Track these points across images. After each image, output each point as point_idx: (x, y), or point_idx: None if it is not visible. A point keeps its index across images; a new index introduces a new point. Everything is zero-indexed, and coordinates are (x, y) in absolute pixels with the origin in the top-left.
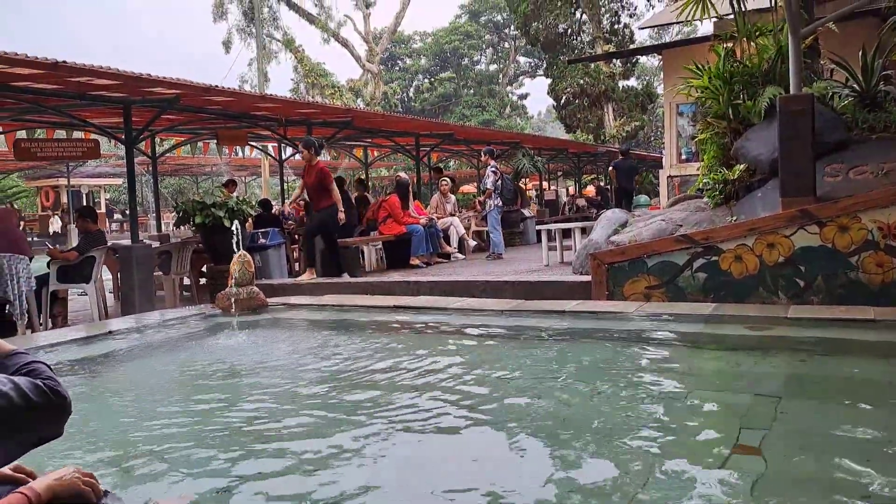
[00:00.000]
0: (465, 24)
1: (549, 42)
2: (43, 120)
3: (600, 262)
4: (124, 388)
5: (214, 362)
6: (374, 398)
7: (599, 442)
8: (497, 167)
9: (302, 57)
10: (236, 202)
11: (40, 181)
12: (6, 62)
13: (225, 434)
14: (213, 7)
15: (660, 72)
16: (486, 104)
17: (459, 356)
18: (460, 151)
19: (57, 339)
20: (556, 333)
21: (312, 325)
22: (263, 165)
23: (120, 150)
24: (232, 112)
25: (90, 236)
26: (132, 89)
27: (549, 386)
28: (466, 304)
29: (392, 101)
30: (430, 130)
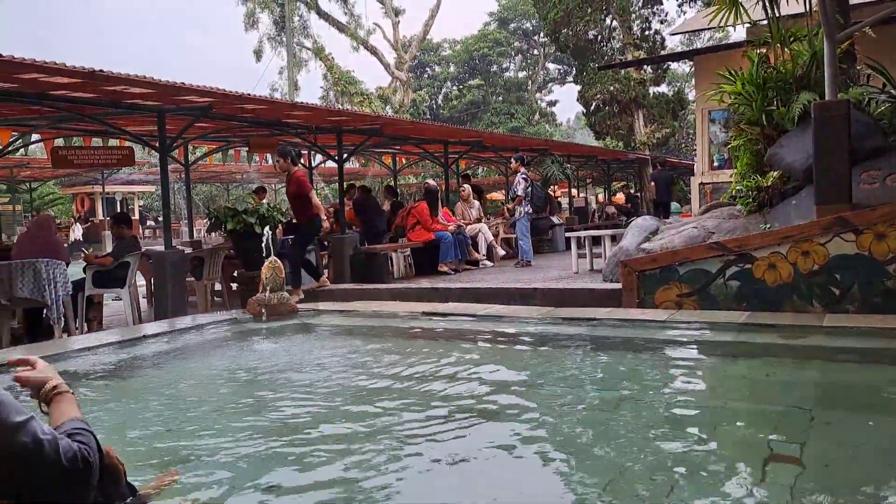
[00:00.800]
0: (494, 31)
1: (578, 48)
2: (79, 128)
3: (631, 269)
4: (157, 391)
5: (245, 367)
6: (402, 403)
7: (629, 451)
8: (527, 174)
9: (331, 65)
10: (267, 209)
11: (76, 188)
12: (45, 71)
13: (255, 437)
14: (244, 17)
15: (691, 78)
16: (514, 111)
17: (489, 363)
18: (489, 158)
19: (92, 343)
20: (587, 341)
21: (342, 331)
22: None
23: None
24: (263, 120)
25: (125, 242)
26: (166, 98)
27: (578, 394)
28: (495, 310)
29: (420, 109)
30: (458, 137)
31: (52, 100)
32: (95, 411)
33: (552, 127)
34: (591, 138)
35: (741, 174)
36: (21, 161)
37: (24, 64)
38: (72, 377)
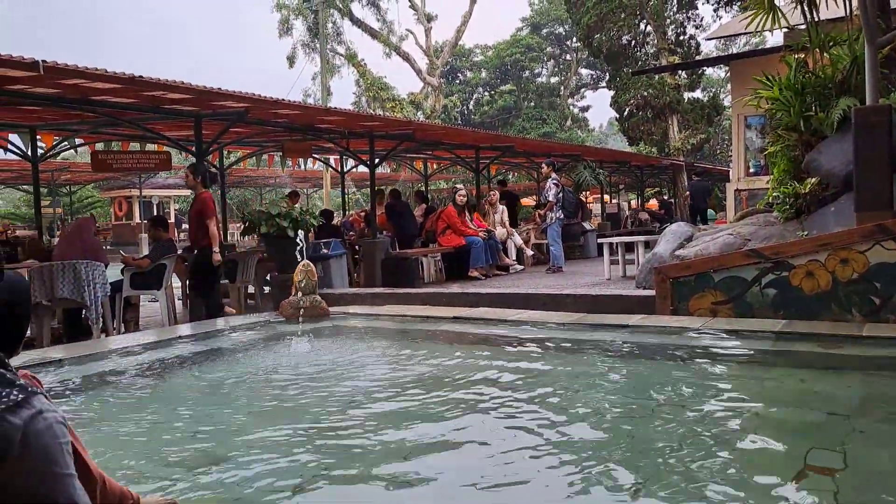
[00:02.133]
0: (527, 36)
1: (612, 54)
2: (119, 133)
3: (665, 276)
4: (191, 391)
5: (279, 368)
6: (433, 407)
7: (661, 459)
8: (559, 179)
9: (364, 71)
10: (300, 213)
11: (114, 192)
12: (87, 77)
13: (287, 438)
14: (278, 23)
15: (727, 83)
16: (546, 116)
17: (519, 368)
18: (520, 164)
19: (129, 343)
20: (619, 348)
21: (373, 334)
22: (325, 177)
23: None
24: (297, 125)
25: (161, 245)
26: (203, 103)
27: (611, 401)
28: (526, 316)
29: (452, 114)
30: (490, 143)
31: (93, 105)
32: (131, 410)
33: (584, 132)
34: (623, 144)
35: (778, 180)
36: (62, 165)
37: (67, 70)
38: (109, 376)
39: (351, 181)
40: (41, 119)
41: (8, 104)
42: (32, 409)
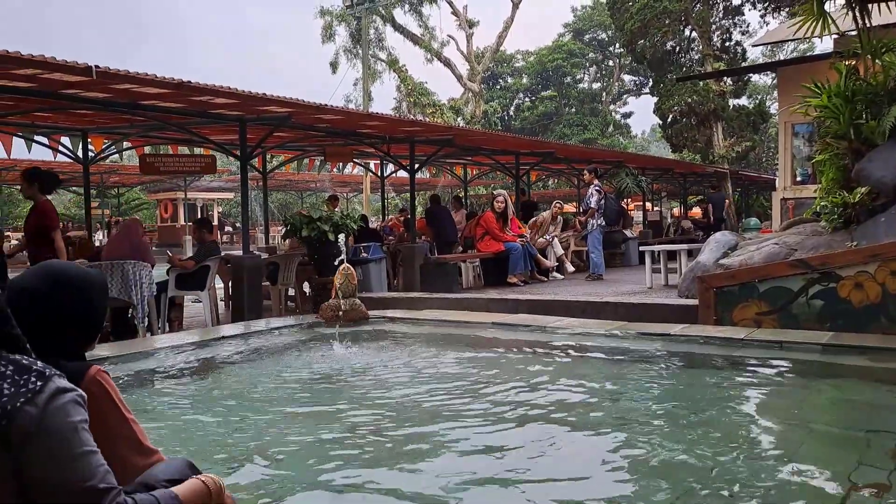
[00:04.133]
0: (569, 42)
1: (655, 60)
2: (166, 136)
3: (708, 285)
4: (233, 391)
5: (318, 370)
6: (472, 411)
7: (701, 470)
8: (600, 186)
9: (405, 76)
10: (340, 217)
11: (160, 194)
12: (137, 82)
13: (326, 438)
14: (321, 30)
15: (773, 90)
16: (587, 123)
17: (558, 376)
18: (560, 170)
19: (174, 343)
20: (661, 357)
21: (412, 339)
22: (365, 182)
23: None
24: (339, 130)
25: (206, 246)
26: (248, 108)
27: (652, 410)
28: (566, 323)
29: (492, 120)
30: (530, 149)
31: (142, 109)
32: (174, 408)
33: (626, 139)
34: (666, 151)
35: (826, 189)
36: (111, 168)
37: (118, 75)
38: (154, 374)
39: (390, 186)
40: (92, 123)
41: (62, 108)
42: (48, 392)
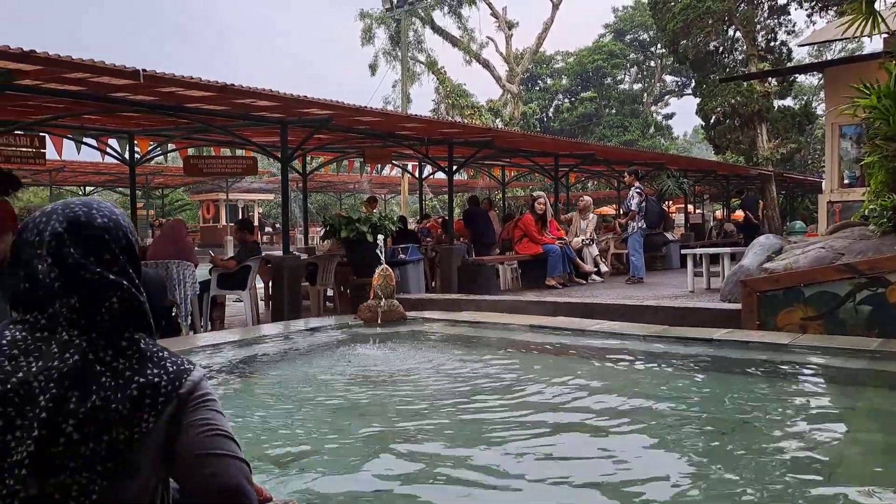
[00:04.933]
0: (610, 43)
1: (698, 60)
2: (209, 138)
3: (752, 289)
4: (273, 389)
5: (357, 370)
6: (509, 414)
7: (743, 479)
8: (642, 188)
9: (443, 78)
10: (379, 218)
11: (202, 195)
12: (182, 85)
13: (366, 438)
14: (361, 32)
15: (820, 91)
16: (628, 124)
17: (597, 379)
18: (600, 172)
19: (216, 341)
20: (703, 362)
21: (450, 340)
22: (403, 183)
23: (272, 168)
24: (378, 132)
25: (247, 247)
26: (289, 110)
27: (693, 417)
28: (606, 326)
29: (531, 122)
30: (570, 150)
31: (187, 112)
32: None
33: (667, 140)
34: (709, 152)
35: (875, 192)
36: (155, 169)
37: (164, 78)
38: None
39: (428, 187)
40: (139, 125)
41: (110, 111)
42: (199, 370)
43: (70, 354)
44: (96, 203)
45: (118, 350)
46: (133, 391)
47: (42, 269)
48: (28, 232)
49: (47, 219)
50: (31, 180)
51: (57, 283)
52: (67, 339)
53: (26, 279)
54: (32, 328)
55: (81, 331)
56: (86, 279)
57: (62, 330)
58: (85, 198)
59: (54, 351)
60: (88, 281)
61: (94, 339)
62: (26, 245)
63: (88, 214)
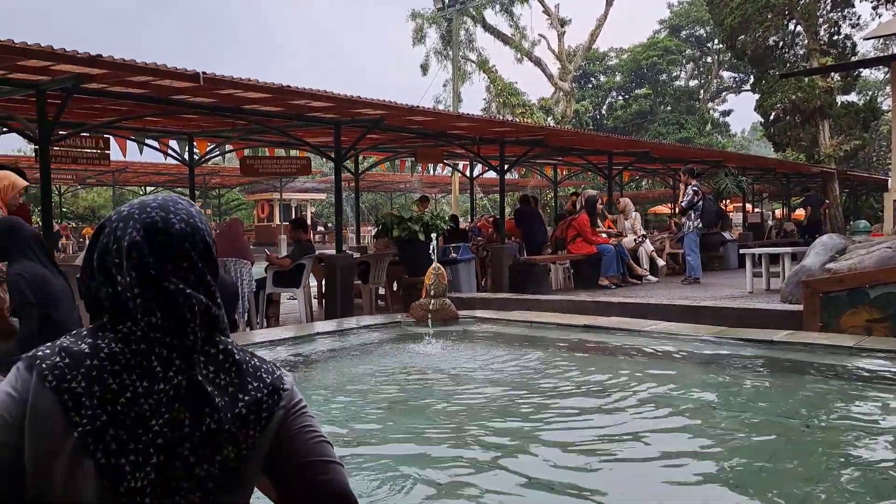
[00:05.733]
0: (665, 38)
1: (757, 56)
2: (265, 139)
3: (814, 290)
4: (327, 385)
5: (409, 367)
6: (566, 416)
7: (803, 484)
8: (698, 186)
9: (494, 77)
10: (430, 217)
11: (257, 195)
12: (240, 87)
13: (419, 435)
14: (412, 32)
15: (886, 85)
16: (684, 121)
17: (653, 381)
18: (655, 170)
19: (272, 337)
20: (763, 364)
21: (502, 339)
22: (453, 182)
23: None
24: (430, 131)
25: (301, 245)
26: (342, 111)
27: (753, 420)
28: (661, 327)
29: (583, 119)
30: (624, 148)
31: (244, 113)
32: None
33: (725, 138)
34: (768, 150)
35: None
36: (212, 169)
37: (223, 80)
38: None
39: (479, 186)
40: (198, 127)
41: (171, 113)
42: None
43: (174, 374)
44: (172, 204)
45: (217, 364)
46: (241, 409)
47: (122, 282)
48: (105, 236)
49: (124, 224)
50: (95, 180)
51: (139, 299)
52: (167, 356)
53: (108, 286)
54: (127, 341)
55: (176, 347)
56: (168, 291)
57: (157, 345)
58: (161, 197)
59: (157, 369)
60: (170, 293)
61: (190, 354)
62: (104, 251)
63: (166, 220)
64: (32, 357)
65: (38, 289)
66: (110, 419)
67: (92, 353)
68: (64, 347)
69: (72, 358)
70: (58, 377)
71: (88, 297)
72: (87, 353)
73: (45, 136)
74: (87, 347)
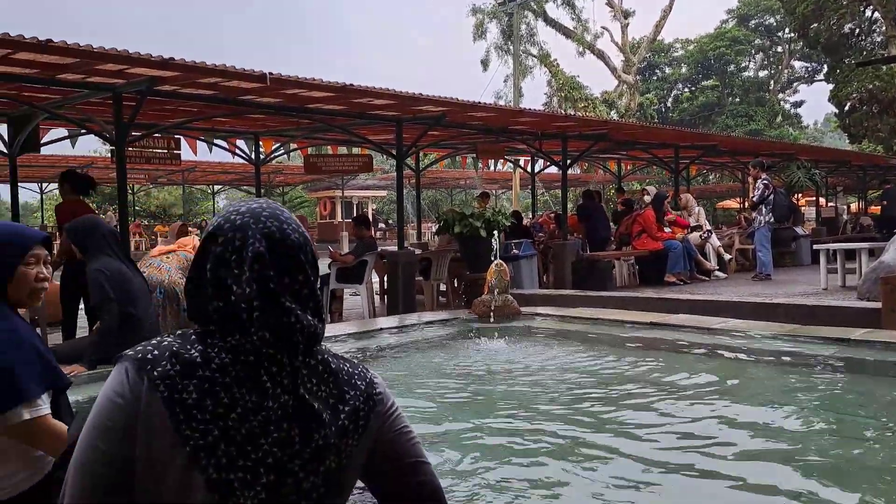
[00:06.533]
0: (733, 28)
1: (831, 44)
2: (328, 138)
3: (893, 287)
4: (391, 380)
5: (473, 363)
6: (631, 416)
7: (881, 488)
8: (769, 180)
9: (556, 71)
10: (492, 213)
11: (319, 192)
12: (305, 86)
13: (483, 431)
14: (473, 27)
15: None
16: (753, 113)
17: (725, 379)
18: (723, 164)
19: (336, 333)
20: (840, 363)
21: (566, 336)
22: (514, 178)
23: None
24: (491, 127)
25: (364, 242)
26: (404, 108)
27: (829, 420)
28: (732, 325)
29: (648, 112)
30: (691, 141)
31: (308, 112)
32: None
33: (796, 130)
34: (843, 142)
35: None
36: (276, 168)
37: (289, 80)
38: None
39: (540, 182)
40: (264, 126)
41: (238, 113)
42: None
43: (282, 391)
44: (280, 212)
45: (318, 376)
46: (343, 422)
47: (238, 293)
48: (220, 246)
49: (242, 234)
50: (166, 180)
51: (256, 312)
52: (276, 370)
53: (220, 297)
54: (236, 352)
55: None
56: (285, 309)
57: (266, 360)
58: (263, 203)
59: (266, 385)
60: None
61: (298, 369)
62: (220, 261)
63: (282, 230)
64: (142, 360)
65: (118, 285)
66: (222, 434)
67: (203, 363)
68: (174, 352)
69: (183, 366)
70: (170, 387)
71: (194, 306)
72: (199, 362)
73: (121, 138)
74: (199, 356)
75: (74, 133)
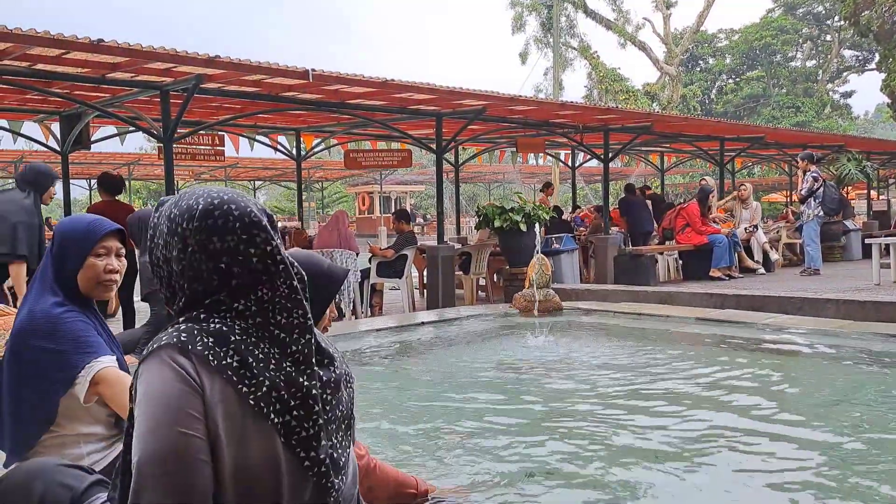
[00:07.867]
0: (780, 17)
1: (883, 31)
2: (368, 133)
3: None
4: (432, 373)
5: (516, 358)
6: (676, 413)
7: None
8: (818, 172)
9: (596, 63)
10: (533, 207)
11: (358, 187)
12: (346, 82)
13: (524, 425)
14: (511, 20)
15: None
16: (800, 104)
17: (774, 376)
18: (770, 156)
19: (376, 326)
20: (892, 360)
21: (609, 331)
22: (554, 172)
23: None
24: (531, 121)
25: (404, 236)
26: (444, 103)
27: (882, 418)
28: (780, 320)
29: (691, 104)
30: (737, 134)
31: (349, 108)
32: (376, 385)
33: (846, 121)
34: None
35: None
36: (316, 164)
37: (330, 77)
38: (359, 354)
39: (580, 176)
40: (304, 122)
41: (280, 110)
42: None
43: (293, 341)
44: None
45: (311, 332)
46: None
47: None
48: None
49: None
50: (209, 176)
51: (264, 277)
52: (285, 322)
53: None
54: (244, 317)
55: (291, 314)
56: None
57: (273, 314)
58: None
59: (281, 336)
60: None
61: (306, 322)
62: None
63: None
64: (176, 346)
65: None
66: (271, 384)
67: (229, 332)
68: (200, 329)
69: (216, 337)
70: (218, 357)
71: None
72: (225, 331)
73: (168, 135)
74: (222, 325)
75: (123, 130)
